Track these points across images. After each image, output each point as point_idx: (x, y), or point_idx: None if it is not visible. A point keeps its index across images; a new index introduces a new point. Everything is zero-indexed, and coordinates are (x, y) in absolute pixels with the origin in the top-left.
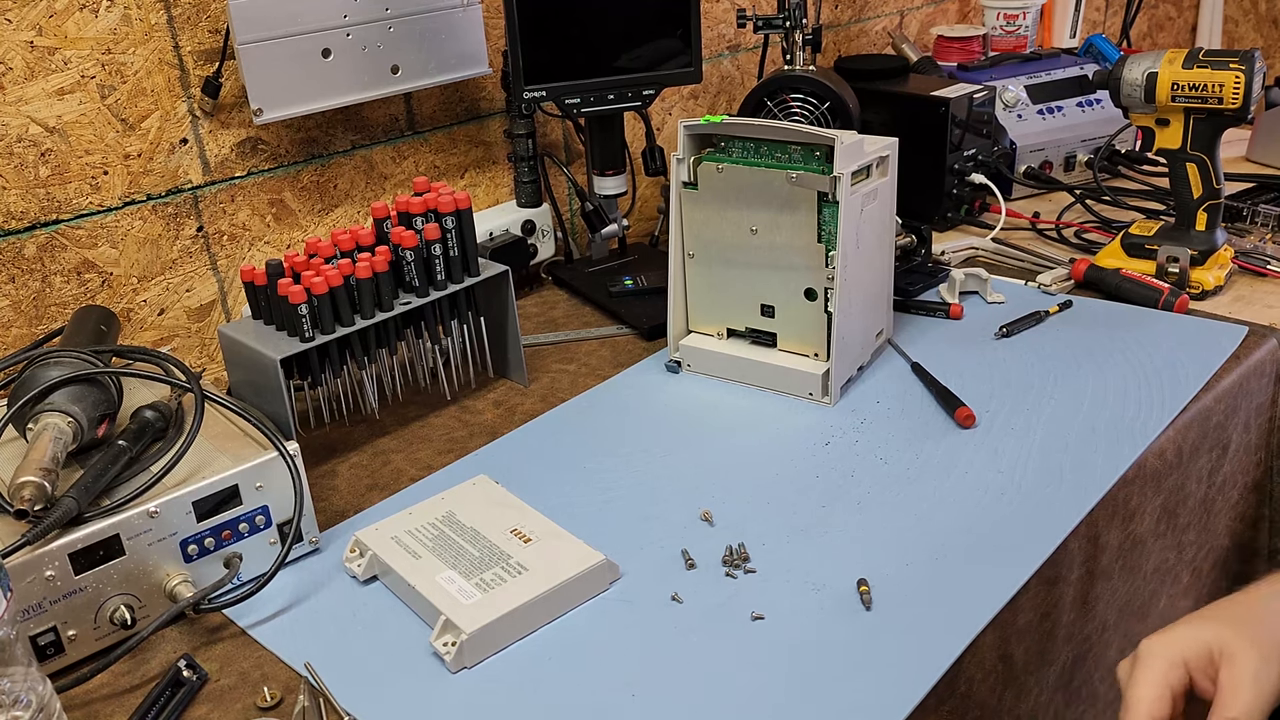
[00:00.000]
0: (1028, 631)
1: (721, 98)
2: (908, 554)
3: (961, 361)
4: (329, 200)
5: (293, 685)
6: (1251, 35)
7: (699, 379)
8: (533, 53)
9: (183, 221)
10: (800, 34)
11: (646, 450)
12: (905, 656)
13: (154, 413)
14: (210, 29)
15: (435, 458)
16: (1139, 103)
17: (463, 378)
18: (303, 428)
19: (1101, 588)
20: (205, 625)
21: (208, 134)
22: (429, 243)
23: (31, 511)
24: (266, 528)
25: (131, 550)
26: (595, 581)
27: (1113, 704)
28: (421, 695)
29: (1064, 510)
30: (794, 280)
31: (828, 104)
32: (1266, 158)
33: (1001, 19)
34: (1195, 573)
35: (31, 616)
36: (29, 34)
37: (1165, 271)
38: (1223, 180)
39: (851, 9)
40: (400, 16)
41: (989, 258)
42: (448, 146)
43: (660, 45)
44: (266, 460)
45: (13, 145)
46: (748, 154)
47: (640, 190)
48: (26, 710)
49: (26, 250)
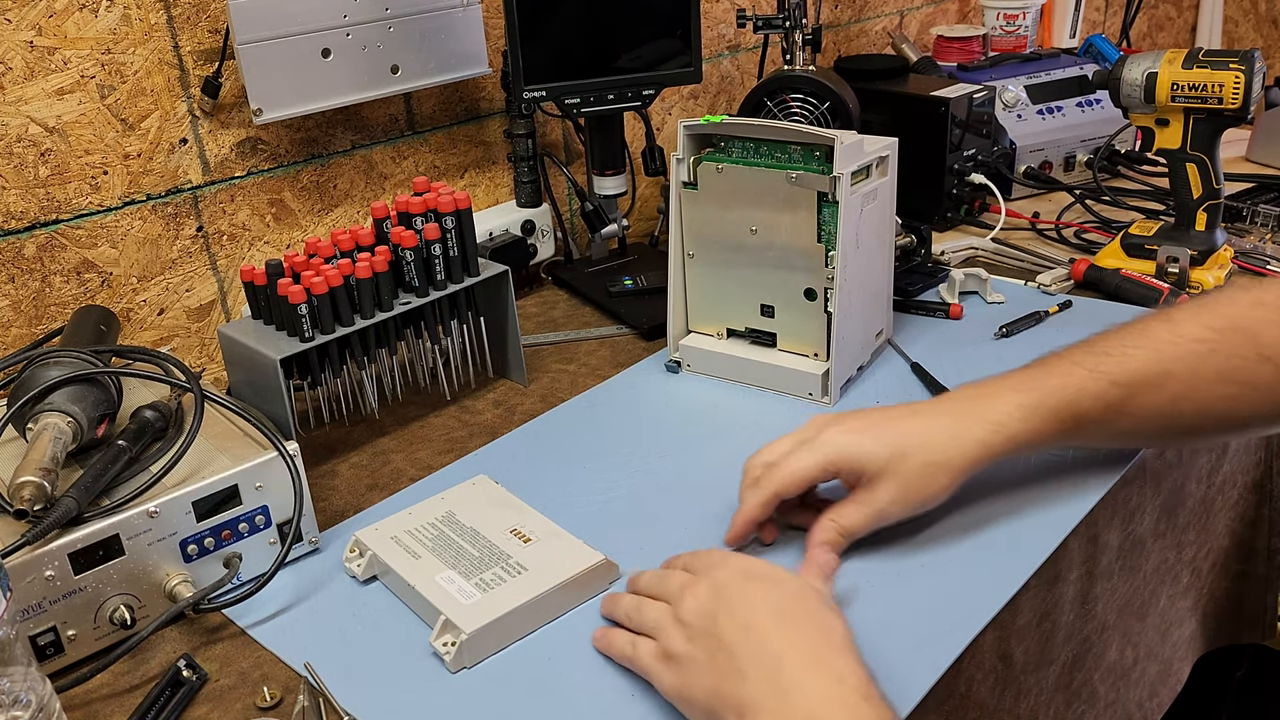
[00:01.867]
0: (1027, 631)
1: (721, 98)
2: (907, 553)
3: (961, 362)
4: (329, 200)
5: (292, 685)
6: (1251, 35)
7: (699, 379)
8: (532, 53)
9: (182, 221)
10: (800, 34)
11: (646, 450)
12: (904, 656)
13: (154, 413)
14: (210, 29)
15: (435, 458)
16: (1139, 103)
17: (462, 378)
18: (302, 428)
19: (1101, 587)
20: (205, 625)
21: (207, 134)
22: (429, 243)
23: (31, 511)
24: (266, 528)
25: (131, 550)
26: (595, 581)
27: (1113, 704)
28: (421, 695)
29: (1064, 510)
30: (794, 280)
31: (827, 104)
32: (1266, 158)
33: (1001, 19)
34: (1195, 572)
35: (31, 616)
36: (29, 34)
37: (1165, 272)
38: (1222, 180)
39: (851, 9)
40: (400, 16)
41: (989, 258)
42: (447, 146)
43: (660, 45)
44: (266, 460)
45: (12, 145)
46: (747, 154)
47: (640, 190)
48: (26, 710)
49: (26, 250)
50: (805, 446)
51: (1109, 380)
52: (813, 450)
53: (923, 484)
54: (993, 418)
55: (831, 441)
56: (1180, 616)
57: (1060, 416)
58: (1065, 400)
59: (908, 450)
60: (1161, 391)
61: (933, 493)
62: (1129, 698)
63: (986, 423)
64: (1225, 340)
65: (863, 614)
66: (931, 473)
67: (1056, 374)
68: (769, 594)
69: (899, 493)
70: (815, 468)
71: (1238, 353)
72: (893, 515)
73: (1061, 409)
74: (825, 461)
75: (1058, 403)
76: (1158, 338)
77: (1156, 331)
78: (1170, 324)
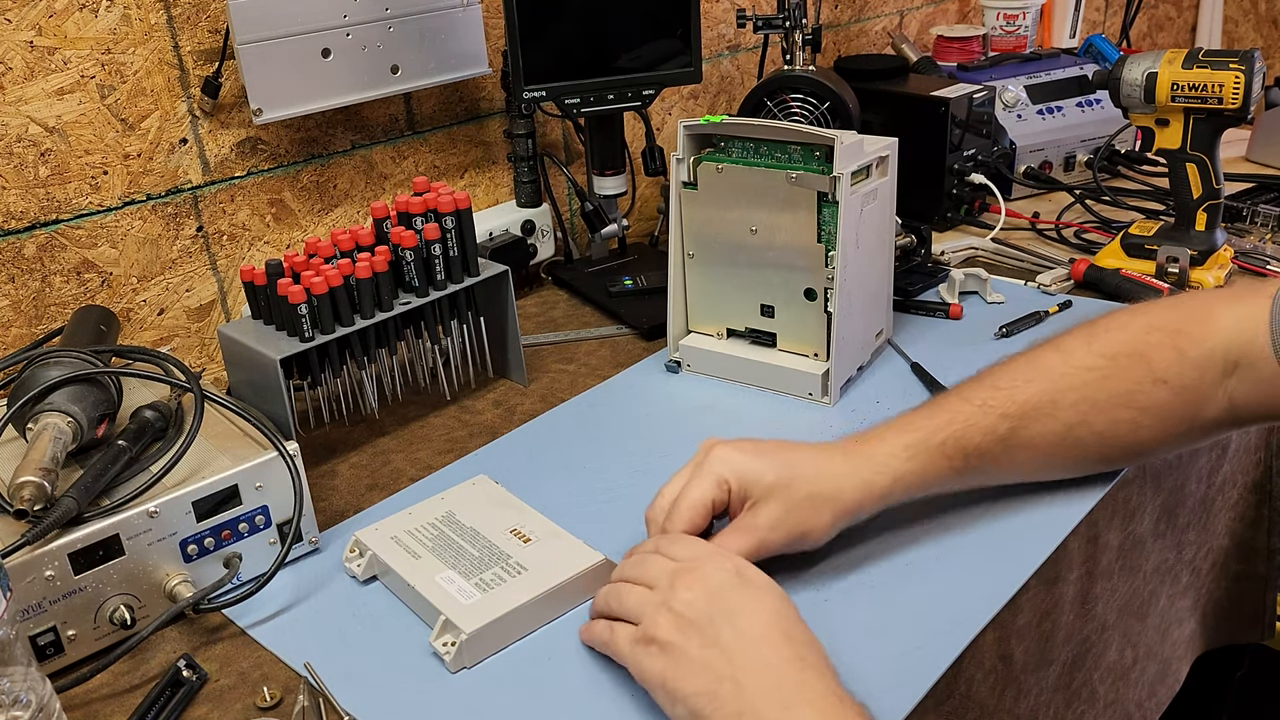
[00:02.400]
0: (1028, 631)
1: (721, 98)
2: (907, 553)
3: (961, 362)
4: (329, 200)
5: (292, 685)
6: (1251, 35)
7: (699, 379)
8: (532, 52)
9: (182, 221)
10: (800, 34)
11: (646, 450)
12: (904, 656)
13: (154, 413)
14: (210, 29)
15: (435, 458)
16: (1139, 103)
17: (462, 378)
18: (302, 428)
19: (1101, 587)
20: (205, 625)
21: (207, 134)
22: (429, 243)
23: (31, 511)
24: (266, 528)
25: (131, 550)
26: (595, 581)
27: (1113, 704)
28: (421, 696)
29: (1064, 510)
30: (794, 280)
31: (827, 104)
32: (1266, 158)
33: (1001, 19)
34: (1195, 572)
35: (31, 616)
36: (29, 34)
37: (1165, 272)
38: (1222, 180)
39: (851, 9)
40: (400, 16)
41: (989, 258)
42: (447, 146)
43: (660, 45)
44: (266, 460)
45: (12, 145)
46: (747, 154)
47: (640, 190)
48: (26, 710)
49: (26, 250)
50: (697, 472)
51: (998, 413)
52: (705, 473)
53: (805, 515)
54: (878, 459)
55: (721, 458)
56: (1180, 616)
57: (948, 453)
58: (951, 435)
59: (795, 479)
60: (1053, 420)
61: (814, 525)
62: (1128, 697)
63: (872, 464)
64: (1118, 366)
65: (862, 614)
66: (816, 505)
67: (943, 411)
68: (775, 606)
69: (780, 518)
70: (712, 488)
71: (1131, 377)
72: (772, 544)
73: (949, 445)
74: (719, 479)
75: (944, 439)
76: (1049, 367)
77: (1048, 361)
78: (1061, 353)
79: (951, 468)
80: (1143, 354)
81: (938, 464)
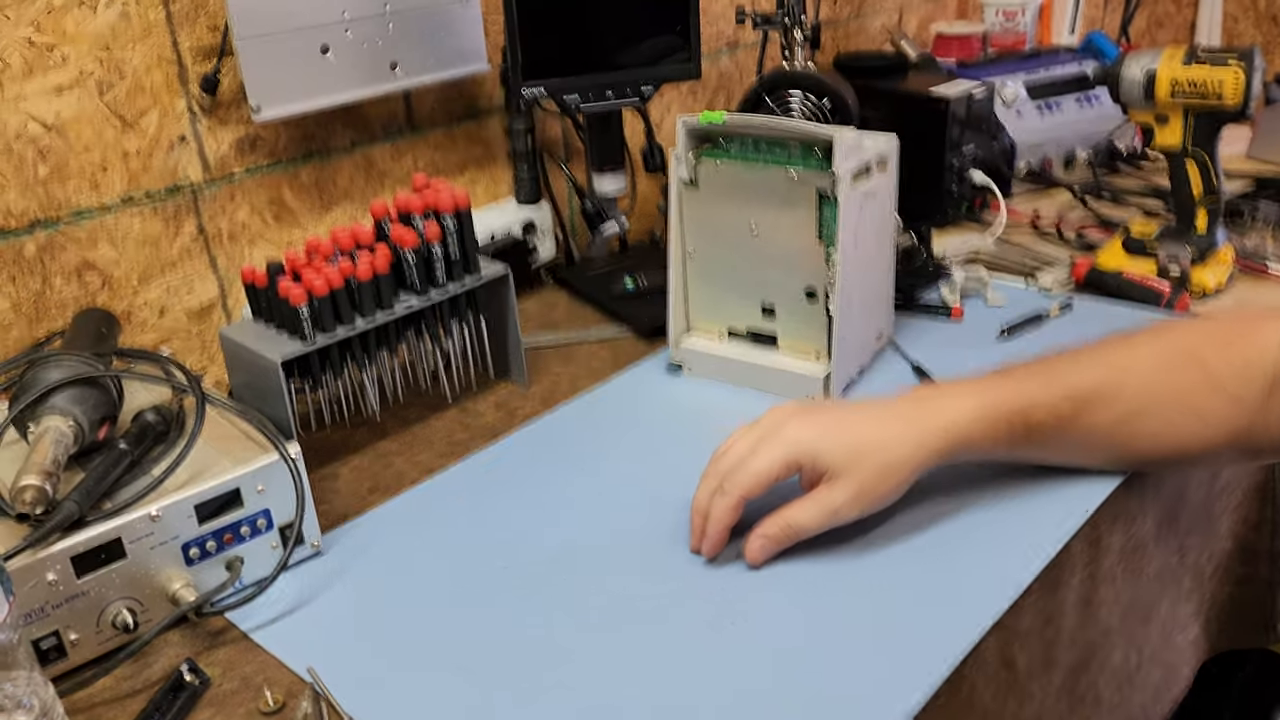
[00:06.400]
0: (1031, 636)
1: (720, 95)
2: (907, 556)
3: (963, 363)
4: (328, 198)
5: (295, 689)
6: (1251, 32)
7: (700, 381)
8: (531, 49)
9: (182, 220)
10: (799, 31)
11: (647, 452)
12: (906, 661)
13: (155, 415)
14: (209, 25)
15: (436, 460)
16: (1138, 100)
17: (463, 379)
18: (303, 430)
19: (1104, 592)
20: (207, 629)
21: (206, 131)
22: (429, 243)
23: (33, 514)
24: (268, 530)
25: (133, 553)
26: None
27: (1117, 708)
28: (423, 698)
29: (1066, 512)
30: (794, 280)
31: (827, 101)
32: (1267, 155)
33: (1000, 16)
34: (1198, 576)
35: (33, 620)
36: (27, 30)
37: (1166, 271)
38: (1223, 178)
39: (850, 6)
40: (399, 13)
41: (989, 258)
42: (447, 144)
43: (659, 41)
44: (268, 463)
45: (11, 143)
46: (747, 150)
47: (640, 188)
48: (29, 714)
49: (26, 250)
50: (767, 445)
51: (1063, 393)
52: (775, 449)
53: (877, 484)
54: (947, 418)
55: (794, 438)
56: (1183, 620)
57: (1012, 423)
58: (1019, 408)
59: (864, 451)
60: (1112, 409)
61: (885, 492)
62: (1133, 701)
63: (941, 423)
64: (1177, 366)
65: (863, 618)
66: (887, 473)
67: (1012, 381)
68: None
69: (855, 493)
70: (780, 466)
71: (1190, 379)
72: (845, 516)
73: (1014, 415)
74: (789, 459)
75: (1011, 409)
76: (1115, 359)
77: (1114, 352)
78: (1128, 346)
79: (1012, 436)
80: (1204, 359)
81: (1001, 431)
